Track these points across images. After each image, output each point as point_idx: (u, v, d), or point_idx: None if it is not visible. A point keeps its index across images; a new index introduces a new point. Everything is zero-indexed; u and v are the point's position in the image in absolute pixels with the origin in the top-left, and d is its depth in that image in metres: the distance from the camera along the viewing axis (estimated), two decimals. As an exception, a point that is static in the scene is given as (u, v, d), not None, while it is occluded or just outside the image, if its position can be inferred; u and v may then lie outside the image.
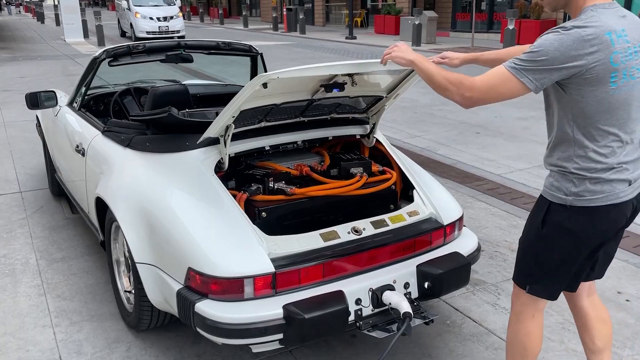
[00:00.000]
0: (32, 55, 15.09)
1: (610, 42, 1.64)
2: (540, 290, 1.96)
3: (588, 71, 1.65)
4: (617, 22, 1.69)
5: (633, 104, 1.74)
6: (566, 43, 1.63)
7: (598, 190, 1.77)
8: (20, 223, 4.06)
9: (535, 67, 1.67)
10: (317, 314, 2.03)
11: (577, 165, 1.77)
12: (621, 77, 1.68)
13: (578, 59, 1.63)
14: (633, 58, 1.70)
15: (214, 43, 3.74)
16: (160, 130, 2.68)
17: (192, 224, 2.22)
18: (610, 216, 1.81)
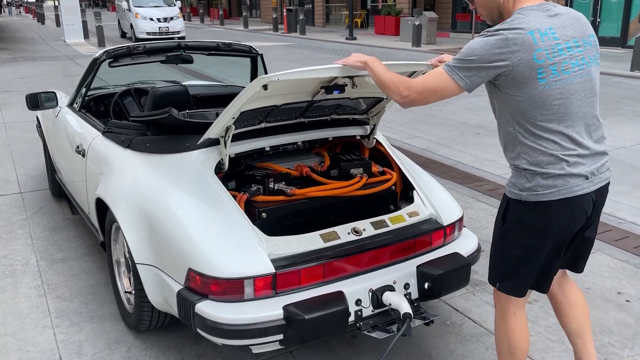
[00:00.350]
0: (32, 56, 15.10)
1: (533, 41, 1.74)
2: (508, 287, 1.99)
3: (514, 70, 1.74)
4: (543, 22, 1.78)
5: (571, 98, 1.79)
6: (490, 43, 1.75)
7: (550, 185, 1.81)
8: (21, 224, 4.07)
9: (465, 66, 1.78)
10: (317, 314, 2.03)
11: (526, 161, 1.84)
12: (550, 73, 1.75)
13: (502, 58, 1.74)
14: (565, 54, 1.78)
15: (214, 44, 3.74)
16: (160, 131, 2.68)
17: (192, 224, 2.23)
18: (565, 211, 1.83)
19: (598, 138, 1.89)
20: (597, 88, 1.88)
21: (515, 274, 1.95)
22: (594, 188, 1.86)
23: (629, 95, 8.86)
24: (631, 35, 14.54)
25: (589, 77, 1.83)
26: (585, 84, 1.82)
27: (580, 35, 1.83)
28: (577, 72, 1.80)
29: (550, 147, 1.80)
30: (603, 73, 10.95)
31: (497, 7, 1.90)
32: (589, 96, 1.84)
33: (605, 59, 12.79)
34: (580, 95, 1.81)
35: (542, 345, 2.62)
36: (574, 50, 1.80)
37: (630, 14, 14.81)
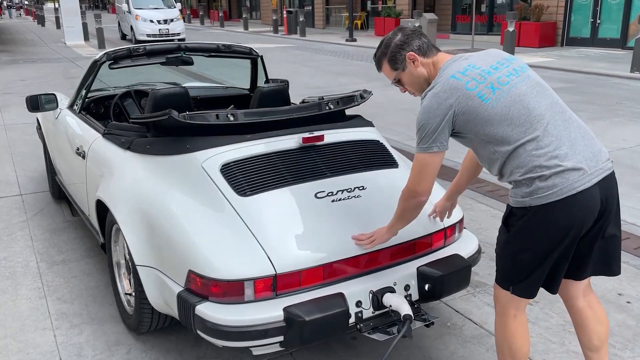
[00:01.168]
0: (32, 58, 15.11)
1: (457, 80, 1.90)
2: (522, 289, 1.99)
3: (460, 109, 1.88)
4: (460, 65, 1.95)
5: (525, 98, 1.87)
6: (429, 106, 1.91)
7: (550, 185, 1.82)
8: (21, 226, 4.07)
9: (427, 137, 1.93)
10: (318, 316, 2.03)
11: (520, 173, 1.87)
12: (490, 91, 1.88)
13: (444, 108, 1.89)
14: (493, 73, 1.91)
15: (214, 46, 3.75)
16: (160, 133, 2.68)
17: (192, 226, 2.23)
18: (570, 209, 1.83)
19: (576, 124, 1.91)
20: (544, 83, 1.96)
21: (527, 277, 1.95)
22: (596, 180, 1.85)
23: (629, 96, 8.86)
24: (631, 36, 14.55)
25: (529, 78, 1.93)
26: (530, 83, 1.92)
27: (499, 57, 1.99)
28: (515, 79, 1.91)
29: (535, 152, 1.84)
30: (603, 74, 10.97)
31: (424, 80, 2.07)
32: (541, 91, 1.92)
33: (605, 60, 12.81)
34: (533, 93, 1.90)
35: (542, 347, 2.62)
36: (500, 68, 1.93)
37: (630, 15, 14.82)
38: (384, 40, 2.10)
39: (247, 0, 36.11)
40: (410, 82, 2.10)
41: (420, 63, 2.04)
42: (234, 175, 2.35)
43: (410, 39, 2.04)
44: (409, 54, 2.03)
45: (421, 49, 2.03)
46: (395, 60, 2.06)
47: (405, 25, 2.13)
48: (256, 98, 3.15)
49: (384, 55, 2.08)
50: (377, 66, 2.16)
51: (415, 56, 2.03)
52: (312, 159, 2.49)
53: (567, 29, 16.24)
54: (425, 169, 1.98)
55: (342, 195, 2.39)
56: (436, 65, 2.03)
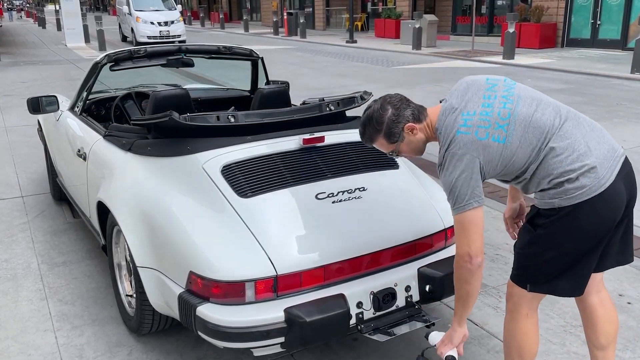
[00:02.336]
0: (33, 60, 15.14)
1: (466, 135, 1.86)
2: (545, 288, 1.98)
3: (485, 160, 1.85)
4: (455, 118, 1.90)
5: (532, 122, 1.86)
6: (454, 167, 1.86)
7: (580, 186, 1.82)
8: (22, 227, 4.07)
9: (464, 195, 1.86)
10: (319, 317, 2.03)
11: (547, 181, 1.86)
12: (500, 132, 1.85)
13: (471, 165, 1.84)
14: (490, 111, 1.88)
15: (214, 47, 3.75)
16: (161, 135, 2.69)
17: (193, 227, 2.23)
18: (602, 207, 1.83)
19: (581, 119, 1.92)
20: (534, 93, 1.96)
21: (552, 277, 1.94)
22: (616, 171, 1.85)
23: (629, 97, 8.86)
24: (631, 37, 14.55)
25: (520, 98, 1.91)
26: (525, 102, 1.90)
27: (481, 90, 1.94)
28: (511, 106, 1.88)
29: (556, 159, 1.83)
30: (603, 75, 10.97)
31: (424, 143, 2.04)
32: (539, 103, 1.91)
33: (605, 61, 12.81)
34: (534, 109, 1.89)
35: (543, 348, 2.62)
36: (492, 101, 1.90)
37: (630, 16, 14.83)
38: (371, 116, 1.99)
39: (247, 2, 36.15)
40: (409, 149, 2.05)
41: (418, 129, 1.99)
42: (234, 176, 2.36)
43: (401, 110, 1.98)
44: (407, 126, 1.97)
45: (414, 116, 1.98)
46: (392, 135, 1.99)
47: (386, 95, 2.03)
48: (257, 99, 3.15)
49: (378, 132, 1.99)
50: (367, 141, 2.06)
51: (413, 126, 1.98)
52: (312, 160, 2.49)
53: (568, 30, 16.25)
54: (469, 229, 1.87)
55: (343, 196, 2.39)
56: (431, 125, 1.99)
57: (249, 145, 2.49)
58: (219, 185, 2.33)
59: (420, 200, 2.57)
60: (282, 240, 2.20)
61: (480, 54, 14.78)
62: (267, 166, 2.42)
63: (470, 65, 13.04)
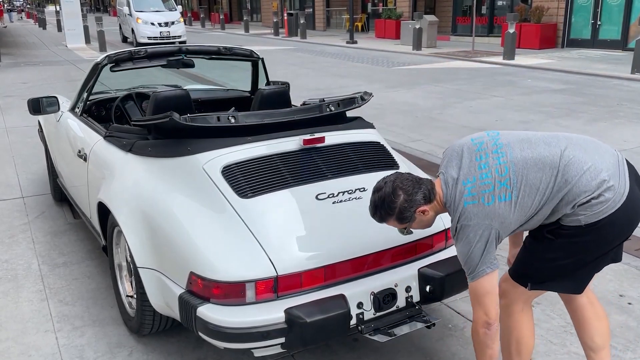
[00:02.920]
0: (34, 61, 15.15)
1: (474, 204, 1.86)
2: (546, 286, 1.99)
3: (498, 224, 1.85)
4: (459, 189, 1.90)
5: (530, 166, 1.86)
6: (468, 238, 1.86)
7: (603, 201, 1.81)
8: (22, 228, 4.07)
9: (478, 263, 1.87)
10: (319, 317, 2.03)
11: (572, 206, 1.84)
12: (504, 189, 1.85)
13: (484, 232, 1.85)
14: (488, 173, 1.88)
15: (215, 48, 3.76)
16: (161, 135, 2.69)
17: (193, 228, 2.23)
18: (620, 220, 1.83)
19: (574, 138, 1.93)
20: (520, 133, 1.97)
21: (559, 278, 1.95)
22: (626, 174, 1.86)
23: (629, 97, 8.86)
24: (631, 38, 14.54)
25: (510, 146, 1.91)
26: (517, 147, 1.91)
27: (471, 153, 1.94)
28: (504, 158, 1.88)
29: (569, 186, 1.83)
30: (604, 75, 10.97)
31: (434, 217, 2.04)
32: (529, 143, 1.92)
33: (605, 62, 12.80)
34: (527, 152, 1.89)
35: (544, 348, 2.62)
36: (486, 160, 1.90)
37: (631, 16, 14.83)
38: (382, 199, 1.97)
39: (247, 3, 36.16)
40: (420, 225, 2.05)
41: (429, 209, 1.99)
42: (235, 177, 2.36)
43: (413, 195, 1.95)
44: (419, 210, 1.97)
45: (426, 198, 1.96)
46: (404, 217, 1.98)
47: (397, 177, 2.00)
48: (257, 100, 3.15)
49: (389, 216, 1.99)
50: (379, 221, 2.05)
51: (425, 209, 1.97)
52: (313, 161, 2.49)
53: (568, 31, 16.24)
54: (484, 298, 1.90)
55: (343, 197, 2.39)
56: (440, 200, 1.99)
57: (250, 146, 2.49)
58: (220, 185, 2.33)
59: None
60: (282, 241, 2.20)
61: (481, 55, 14.78)
62: (267, 167, 2.42)
63: (471, 66, 13.03)
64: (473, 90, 9.58)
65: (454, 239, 1.94)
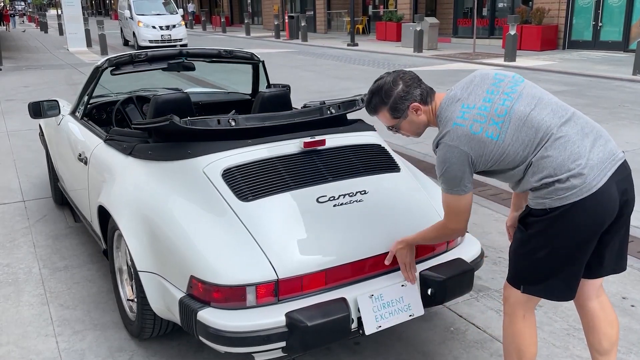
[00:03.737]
0: (35, 64, 15.18)
1: (460, 126, 1.89)
2: (536, 290, 1.98)
3: (476, 154, 1.89)
4: (455, 108, 1.94)
5: (527, 121, 1.87)
6: (445, 157, 1.91)
7: (569, 186, 1.82)
8: (23, 232, 4.07)
9: (452, 183, 1.93)
10: (320, 321, 2.02)
11: (537, 179, 1.87)
12: (495, 128, 1.88)
13: (461, 158, 1.89)
14: (489, 107, 1.91)
15: (215, 51, 3.75)
16: (162, 138, 2.68)
17: (194, 231, 2.22)
18: (591, 209, 1.83)
19: (582, 120, 1.92)
20: (537, 92, 1.96)
21: (543, 277, 1.95)
22: (610, 173, 1.85)
23: (631, 99, 8.85)
24: (633, 39, 14.54)
25: (522, 96, 1.92)
26: (525, 100, 1.91)
27: (487, 84, 1.97)
28: (510, 103, 1.90)
29: (549, 159, 1.85)
30: (605, 77, 10.96)
31: (424, 125, 2.08)
32: (539, 103, 1.92)
33: (607, 63, 12.79)
34: (532, 109, 1.89)
35: (546, 351, 2.60)
36: (493, 97, 1.92)
37: (632, 18, 14.82)
38: (381, 86, 2.03)
39: (248, 6, 36.23)
40: (409, 128, 2.09)
41: (422, 111, 2.02)
42: (235, 180, 2.35)
43: (412, 88, 2.00)
44: (412, 105, 2.00)
45: (422, 97, 2.01)
46: (396, 110, 2.02)
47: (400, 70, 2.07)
48: (258, 103, 3.15)
49: (383, 104, 2.03)
50: (371, 112, 2.08)
51: (418, 106, 2.00)
52: (313, 164, 2.49)
53: (569, 32, 16.24)
54: (455, 210, 2.00)
55: (344, 199, 2.39)
56: (434, 110, 2.03)
57: (250, 149, 2.48)
58: (220, 189, 2.33)
59: (421, 204, 2.56)
60: (283, 244, 2.19)
61: (482, 57, 14.78)
62: (268, 170, 2.41)
63: (472, 68, 13.03)
64: (474, 92, 9.54)
65: (434, 151, 1.99)
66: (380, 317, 2.20)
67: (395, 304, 2.24)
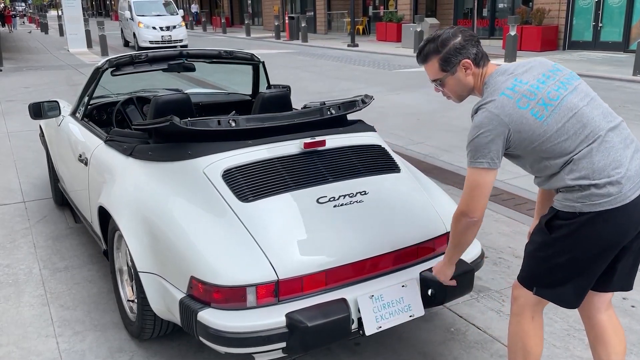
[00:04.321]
0: (36, 65, 15.19)
1: (508, 98, 1.84)
2: (549, 294, 1.97)
3: (515, 129, 1.82)
4: (507, 80, 1.89)
5: (577, 114, 1.84)
6: (482, 122, 1.84)
7: (605, 193, 1.79)
8: (24, 233, 4.07)
9: (480, 151, 1.85)
10: (320, 322, 2.03)
11: (573, 177, 1.82)
12: (542, 109, 1.83)
13: (500, 127, 1.82)
14: (542, 87, 1.86)
15: (215, 52, 3.76)
16: (162, 139, 2.69)
17: (194, 232, 2.22)
18: (621, 220, 1.81)
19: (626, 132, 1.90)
20: (592, 92, 1.93)
21: (558, 283, 1.93)
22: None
23: (632, 99, 8.84)
24: (633, 39, 14.54)
25: (577, 90, 1.89)
26: (580, 95, 1.88)
27: (544, 69, 1.92)
28: (565, 92, 1.86)
29: (590, 160, 1.81)
30: (605, 77, 10.95)
31: (469, 89, 2.01)
32: (591, 102, 1.88)
33: (607, 64, 12.79)
34: (584, 104, 1.86)
35: (546, 352, 2.60)
36: (548, 81, 1.88)
37: (632, 18, 14.82)
38: (439, 35, 1.96)
39: (249, 7, 36.24)
40: (453, 87, 2.01)
41: (472, 72, 1.96)
42: (235, 181, 2.35)
43: (469, 44, 1.93)
44: (464, 61, 1.94)
45: (476, 59, 1.94)
46: (448, 62, 1.95)
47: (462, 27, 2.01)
48: (258, 104, 3.15)
49: (436, 53, 1.95)
50: (421, 59, 2.01)
51: (470, 64, 1.94)
52: (314, 164, 2.49)
53: (569, 33, 16.24)
54: (475, 189, 1.88)
55: (344, 200, 2.39)
56: (483, 77, 1.96)
57: (250, 150, 2.48)
58: (220, 189, 2.33)
59: (422, 204, 2.56)
60: (283, 245, 2.19)
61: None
62: (268, 170, 2.41)
63: (472, 68, 13.01)
64: (474, 93, 9.55)
65: (472, 116, 1.91)
66: (380, 317, 2.20)
67: (396, 304, 2.24)
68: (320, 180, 2.43)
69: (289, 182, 2.38)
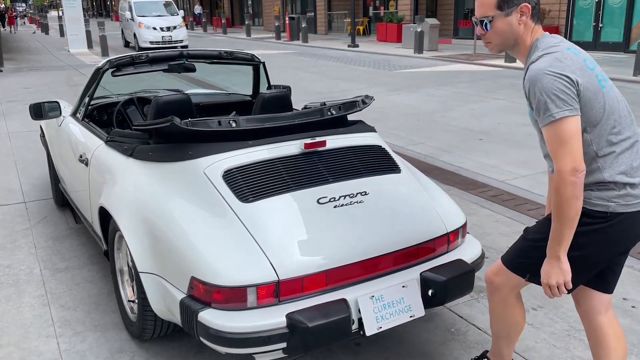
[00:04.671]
0: (36, 65, 15.19)
1: (575, 55, 1.77)
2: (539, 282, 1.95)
3: (585, 86, 1.73)
4: (563, 42, 1.83)
5: (622, 102, 1.84)
6: (553, 69, 1.71)
7: (638, 194, 1.78)
8: (24, 233, 4.07)
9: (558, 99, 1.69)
10: (321, 322, 2.03)
11: (614, 172, 1.78)
12: (603, 79, 1.80)
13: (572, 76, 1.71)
14: (592, 67, 1.81)
15: (216, 52, 3.76)
16: (163, 140, 2.69)
17: (195, 232, 2.23)
18: (636, 220, 1.80)
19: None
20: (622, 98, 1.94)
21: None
22: None
23: (632, 100, 8.84)
24: (633, 40, 14.54)
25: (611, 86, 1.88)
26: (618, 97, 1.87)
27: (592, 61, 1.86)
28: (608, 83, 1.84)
29: (630, 152, 1.80)
30: (606, 78, 10.95)
31: (515, 37, 1.86)
32: (622, 100, 1.89)
33: (607, 64, 12.78)
34: (619, 98, 1.86)
35: (547, 352, 2.60)
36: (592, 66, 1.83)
37: (633, 19, 14.82)
38: None
39: (249, 7, 36.26)
40: (501, 32, 1.86)
41: (525, 22, 1.84)
42: (236, 181, 2.35)
43: None
44: (524, 5, 1.82)
45: (535, 9, 1.84)
46: (506, 2, 1.82)
47: None
48: (258, 104, 3.15)
49: None
50: None
51: (528, 10, 1.82)
52: (314, 165, 2.49)
53: (570, 33, 16.24)
54: (572, 140, 1.68)
55: (345, 200, 2.39)
56: (533, 35, 1.85)
57: (251, 150, 2.48)
58: (221, 190, 2.33)
59: (422, 205, 2.56)
60: (283, 245, 2.19)
61: (483, 58, 14.77)
62: (268, 171, 2.41)
63: (473, 69, 13.03)
64: (475, 93, 9.57)
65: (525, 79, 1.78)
66: (380, 318, 2.20)
67: (396, 304, 2.25)
68: (321, 180, 2.43)
69: (290, 183, 2.38)
